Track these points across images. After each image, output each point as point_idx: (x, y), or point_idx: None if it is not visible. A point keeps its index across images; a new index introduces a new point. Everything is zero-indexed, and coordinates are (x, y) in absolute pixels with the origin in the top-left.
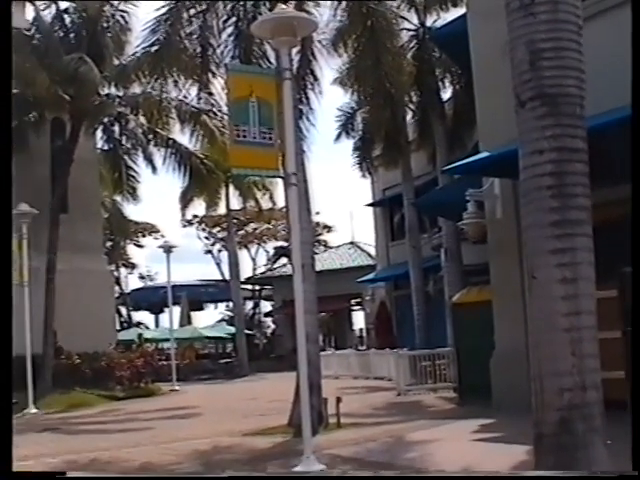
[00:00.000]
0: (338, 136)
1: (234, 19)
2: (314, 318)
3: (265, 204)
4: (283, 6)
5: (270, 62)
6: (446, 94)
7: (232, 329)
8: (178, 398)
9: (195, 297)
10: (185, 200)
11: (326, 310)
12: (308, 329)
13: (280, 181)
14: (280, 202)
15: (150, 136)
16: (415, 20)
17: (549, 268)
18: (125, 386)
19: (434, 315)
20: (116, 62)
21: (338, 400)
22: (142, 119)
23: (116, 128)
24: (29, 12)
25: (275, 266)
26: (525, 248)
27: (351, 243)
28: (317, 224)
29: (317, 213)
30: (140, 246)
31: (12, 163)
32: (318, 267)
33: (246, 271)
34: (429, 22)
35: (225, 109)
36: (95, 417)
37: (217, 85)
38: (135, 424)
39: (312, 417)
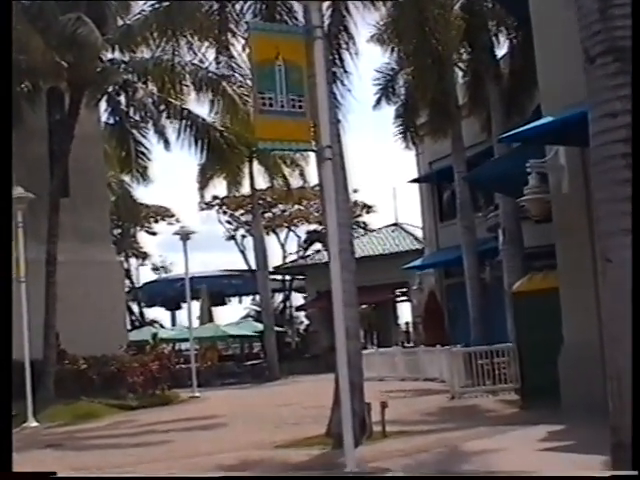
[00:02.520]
0: (377, 102)
1: None
2: (354, 311)
3: (295, 182)
4: None
5: (298, 19)
6: (501, 51)
7: (260, 326)
8: (199, 406)
9: (217, 290)
10: (203, 179)
11: (367, 302)
12: (348, 324)
13: (312, 156)
14: (312, 179)
15: (162, 107)
16: None
17: (625, 249)
18: (138, 394)
19: (491, 306)
20: (120, 23)
21: (383, 405)
22: (152, 87)
23: (122, 98)
24: None
25: (308, 253)
26: (597, 227)
27: (394, 225)
28: (355, 203)
29: (355, 191)
30: (153, 233)
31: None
32: (357, 253)
33: (274, 259)
34: None
35: (248, 74)
36: (105, 430)
37: (238, 47)
38: (151, 437)
39: (354, 425)
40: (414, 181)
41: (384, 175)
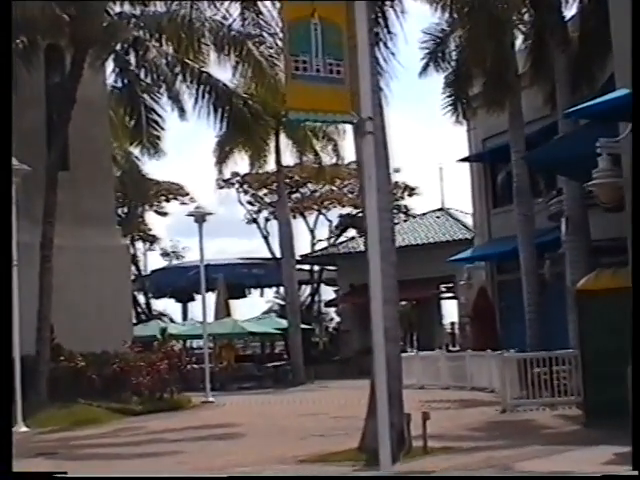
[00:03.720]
0: (424, 69)
1: None
2: (394, 309)
3: (327, 159)
4: None
5: None
6: (570, 11)
7: (283, 322)
8: (213, 413)
9: (235, 280)
10: (222, 153)
11: (407, 298)
12: (387, 324)
13: (349, 129)
14: (348, 156)
15: (177, 69)
16: None
17: None
18: (144, 397)
19: (551, 306)
20: None
21: (425, 417)
22: (166, 46)
23: (132, 58)
24: None
25: (340, 240)
26: None
27: (440, 210)
28: (396, 185)
29: (397, 171)
30: (163, 214)
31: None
32: (398, 242)
33: (302, 247)
34: None
35: (278, 34)
36: (105, 438)
37: (267, 2)
38: (158, 447)
39: (391, 439)
40: (464, 160)
41: (430, 153)
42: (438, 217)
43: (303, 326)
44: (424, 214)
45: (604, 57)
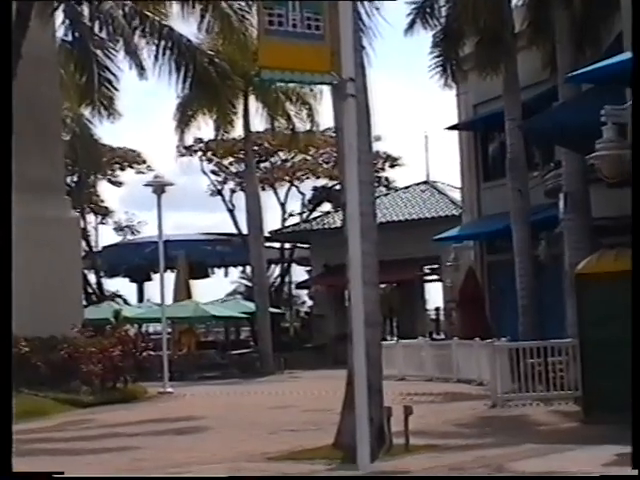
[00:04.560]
0: (411, 25)
1: None
2: (375, 292)
3: (301, 125)
4: None
5: None
6: None
7: (250, 306)
8: (172, 405)
9: (197, 259)
10: (184, 117)
11: (387, 281)
12: (367, 308)
13: (327, 91)
14: (324, 122)
15: (135, 22)
16: None
17: None
18: (95, 387)
19: (547, 291)
20: None
21: (407, 411)
22: None
23: (85, 9)
24: None
25: (314, 215)
26: None
27: (425, 183)
28: (377, 154)
29: (378, 139)
30: (118, 184)
31: None
32: (378, 218)
33: (272, 222)
34: None
35: None
36: (52, 431)
37: None
38: (111, 442)
39: (370, 435)
40: (453, 128)
41: (415, 120)
42: (422, 191)
43: (272, 310)
44: (407, 187)
45: (610, 15)
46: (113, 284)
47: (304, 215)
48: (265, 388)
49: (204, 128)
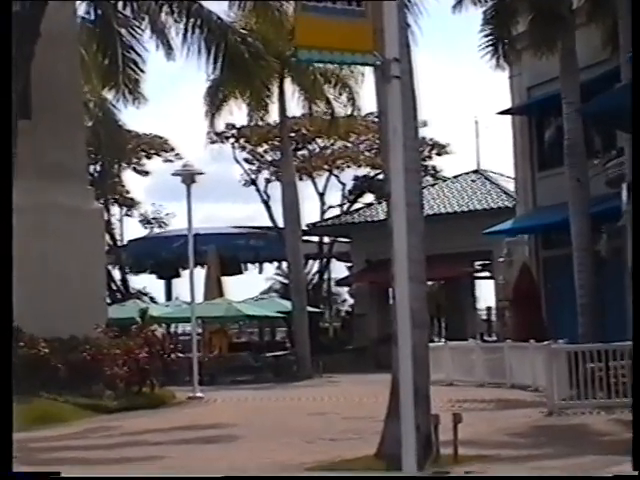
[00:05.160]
0: (459, 1)
1: None
2: (422, 289)
3: (342, 109)
4: None
5: None
6: None
7: (287, 304)
8: (202, 411)
9: (230, 254)
10: (215, 101)
11: (435, 277)
12: (413, 306)
13: (369, 72)
14: (366, 106)
15: None
16: None
17: None
18: (119, 391)
19: (608, 288)
20: None
21: (456, 419)
22: None
23: None
24: None
25: (355, 207)
26: None
27: (476, 172)
28: (424, 141)
29: (424, 124)
30: (144, 173)
31: None
32: (424, 209)
33: (309, 214)
34: None
35: None
36: (73, 439)
37: None
38: (136, 451)
39: (416, 444)
40: (505, 113)
41: (464, 104)
42: (473, 181)
43: (310, 309)
44: (456, 177)
45: None
46: (139, 281)
47: (344, 207)
48: (302, 393)
49: (236, 113)
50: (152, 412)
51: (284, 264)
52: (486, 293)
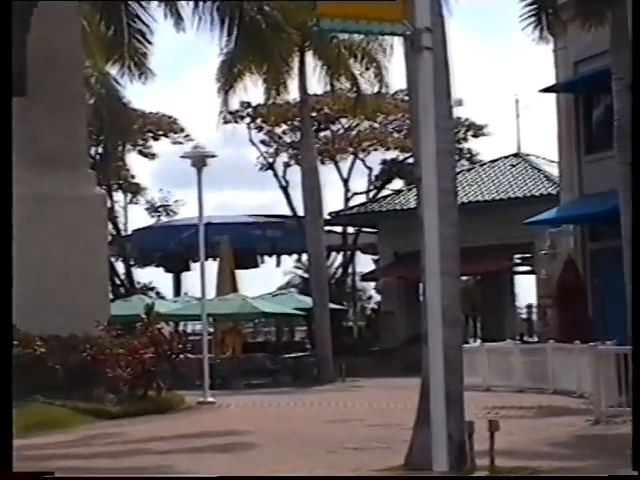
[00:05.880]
0: None
1: None
2: (455, 285)
3: (368, 86)
4: None
5: None
6: None
7: (307, 301)
8: (213, 417)
9: (244, 245)
10: (229, 77)
11: (470, 272)
12: (445, 303)
13: (398, 44)
14: (395, 83)
15: None
16: None
17: None
18: (123, 395)
19: None
20: None
21: (492, 427)
22: None
23: None
24: None
25: (383, 194)
26: None
27: (515, 155)
28: (458, 121)
29: (459, 103)
30: (151, 155)
31: None
32: (459, 197)
33: (333, 202)
34: None
35: None
36: (72, 447)
37: None
38: (141, 460)
39: (448, 454)
40: (549, 90)
41: (503, 81)
42: (513, 165)
43: (332, 306)
44: (494, 161)
45: None
46: (145, 274)
47: (371, 194)
48: (323, 398)
49: (252, 90)
50: (159, 418)
51: (304, 257)
52: (526, 289)
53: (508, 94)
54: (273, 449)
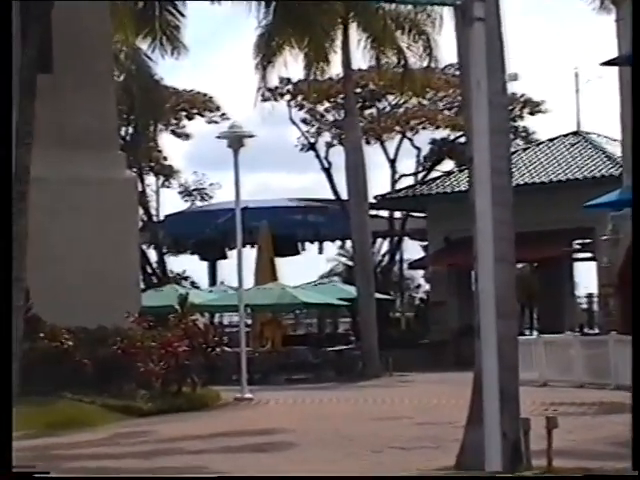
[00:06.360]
0: None
1: None
2: (510, 273)
3: (416, 60)
4: None
5: None
6: None
7: (351, 291)
8: (251, 414)
9: (284, 231)
10: (268, 52)
11: (526, 259)
12: (499, 292)
13: (449, 15)
14: (445, 58)
15: None
16: None
17: None
18: (155, 391)
19: None
20: None
21: (550, 425)
22: None
23: None
24: None
25: (433, 176)
26: None
27: (575, 134)
28: (513, 97)
29: (513, 78)
30: (184, 136)
31: None
32: (514, 178)
33: (378, 184)
34: None
35: None
36: (101, 446)
37: None
38: (173, 460)
39: (503, 454)
40: (611, 63)
41: (560, 54)
42: (572, 144)
43: (378, 296)
44: (552, 140)
45: None
46: (178, 262)
47: (419, 175)
48: (368, 394)
49: (292, 66)
50: (193, 415)
51: (348, 243)
52: (587, 277)
53: (567, 68)
54: (314, 449)
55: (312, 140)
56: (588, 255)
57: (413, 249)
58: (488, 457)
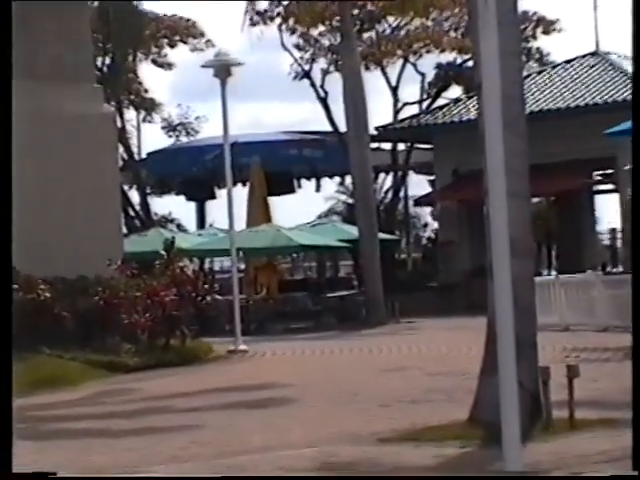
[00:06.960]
0: None
1: None
2: (525, 208)
3: None
4: None
5: None
6: None
7: (352, 231)
8: (246, 368)
9: (278, 167)
10: None
11: (542, 192)
12: (513, 230)
13: None
14: None
15: None
16: None
17: None
18: (141, 344)
19: None
20: None
21: (572, 373)
22: None
23: None
24: None
25: (438, 104)
26: None
27: (594, 54)
28: (524, 16)
29: None
30: (166, 65)
31: None
32: (528, 105)
33: (380, 114)
34: None
35: None
36: (84, 405)
37: None
38: (162, 419)
39: (520, 406)
40: None
41: None
42: (591, 66)
43: (382, 236)
44: (569, 62)
45: None
46: (163, 204)
47: (424, 104)
48: (373, 343)
49: None
50: (183, 370)
51: (348, 179)
52: (609, 211)
53: None
54: (316, 404)
55: (306, 67)
56: (610, 187)
57: (419, 184)
58: (504, 410)
